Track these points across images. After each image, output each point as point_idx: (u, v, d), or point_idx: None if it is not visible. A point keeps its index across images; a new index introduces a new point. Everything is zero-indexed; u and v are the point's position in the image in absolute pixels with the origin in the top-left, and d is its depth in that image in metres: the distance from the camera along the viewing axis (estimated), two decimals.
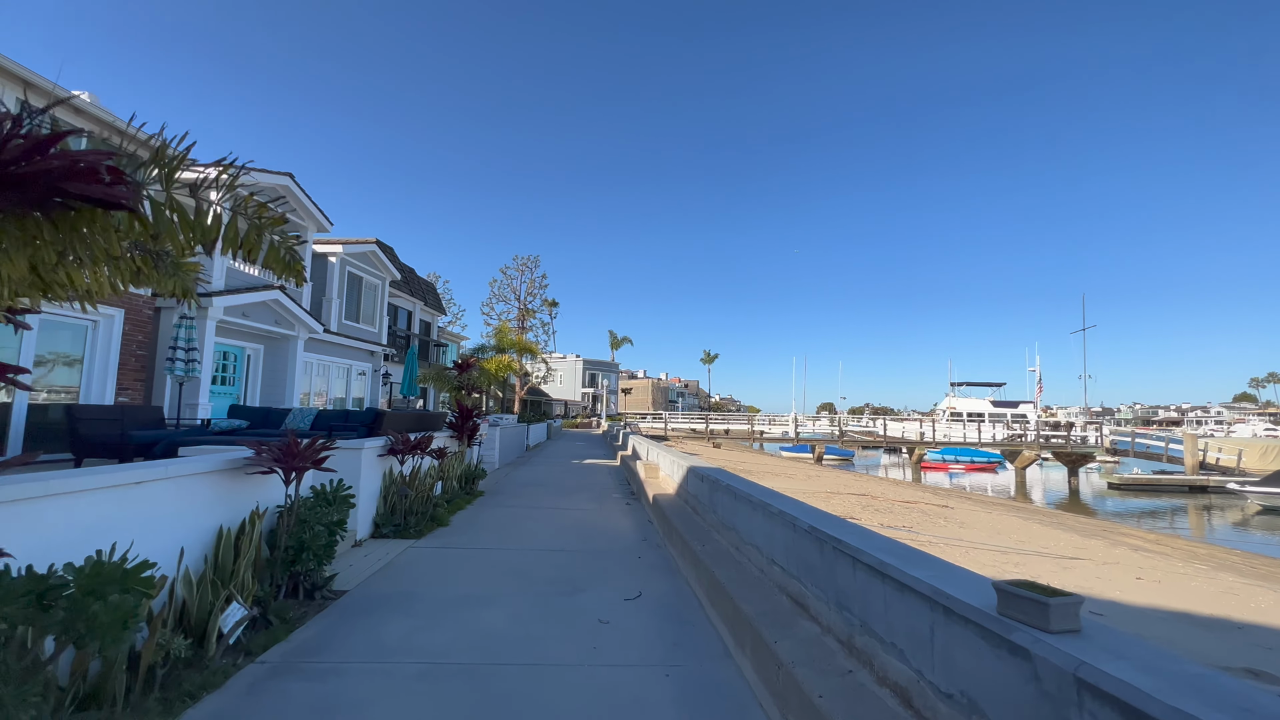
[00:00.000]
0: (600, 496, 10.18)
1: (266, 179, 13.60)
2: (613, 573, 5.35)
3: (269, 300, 13.57)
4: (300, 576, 4.17)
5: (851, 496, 11.45)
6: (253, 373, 14.66)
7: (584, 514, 8.42)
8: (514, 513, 8.31)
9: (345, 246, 18.10)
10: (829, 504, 9.95)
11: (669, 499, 7.76)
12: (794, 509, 3.69)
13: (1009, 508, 13.82)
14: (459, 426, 9.87)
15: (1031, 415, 45.96)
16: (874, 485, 16.84)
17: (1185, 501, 24.05)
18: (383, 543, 6.14)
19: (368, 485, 6.24)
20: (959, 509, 11.23)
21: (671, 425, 43.19)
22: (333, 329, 17.72)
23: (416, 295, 27.61)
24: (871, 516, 9.03)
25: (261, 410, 10.29)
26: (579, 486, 11.59)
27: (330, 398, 17.99)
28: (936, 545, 7.25)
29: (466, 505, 8.60)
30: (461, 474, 9.41)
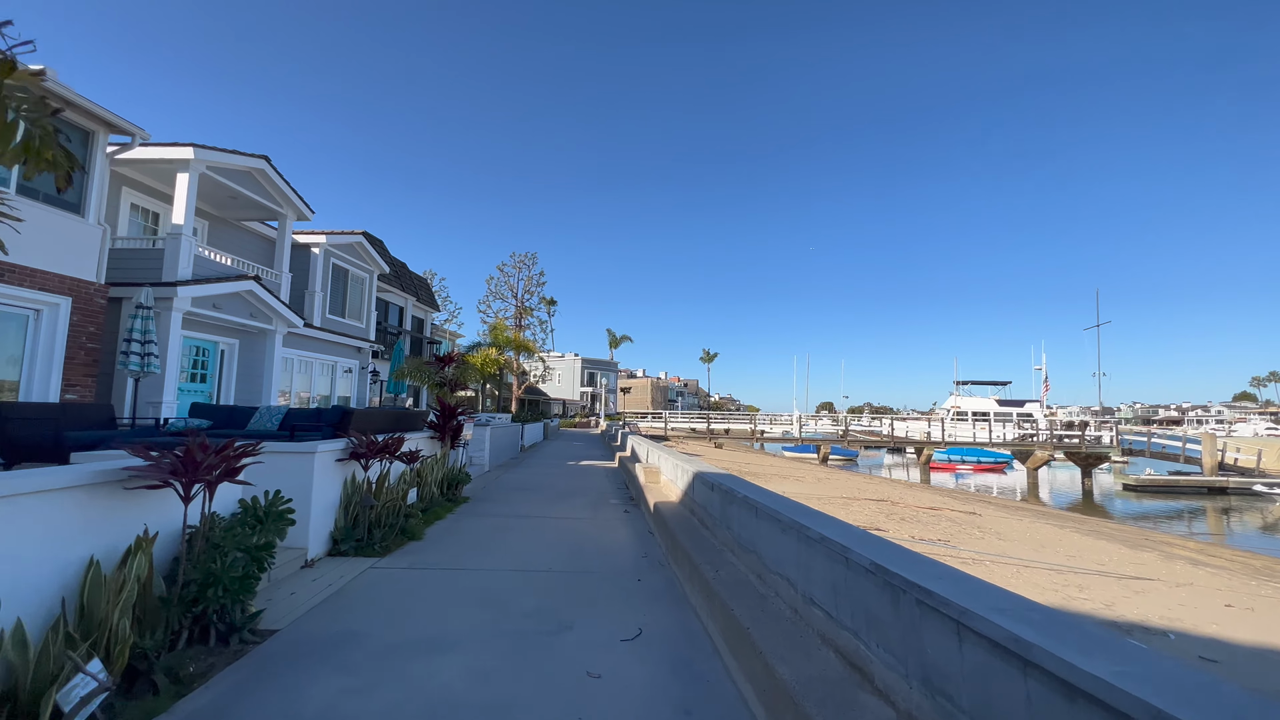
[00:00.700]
0: (596, 503, 9.31)
1: (239, 161, 12.71)
2: (607, 601, 4.48)
3: (242, 291, 12.68)
4: (211, 617, 3.30)
5: (870, 503, 10.56)
6: (227, 369, 13.76)
7: (577, 524, 7.55)
8: (498, 523, 7.43)
9: (329, 237, 17.21)
10: (849, 512, 9.09)
11: (672, 508, 6.89)
12: (841, 534, 2.82)
13: (1038, 513, 12.95)
14: (440, 426, 8.99)
15: (1038, 414, 45.15)
16: (890, 489, 15.96)
17: (1204, 504, 23.20)
18: (339, 562, 5.27)
19: (323, 495, 5.36)
20: (987, 516, 10.34)
21: (671, 425, 42.31)
22: (315, 323, 16.83)
23: (408, 290, 26.72)
24: (899, 527, 8.15)
25: (225, 409, 9.41)
26: (573, 491, 10.71)
27: (314, 396, 17.11)
28: (982, 562, 6.37)
29: (446, 514, 7.72)
30: (443, 478, 8.54)
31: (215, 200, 13.88)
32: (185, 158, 11.34)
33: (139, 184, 12.55)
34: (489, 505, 8.77)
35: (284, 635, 3.60)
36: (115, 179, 12.12)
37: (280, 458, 5.14)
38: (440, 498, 8.25)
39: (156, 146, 11.35)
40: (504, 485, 11.23)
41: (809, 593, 3.01)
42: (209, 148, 11.72)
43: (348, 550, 5.51)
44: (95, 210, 9.51)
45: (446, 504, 8.17)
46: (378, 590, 4.58)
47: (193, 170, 11.55)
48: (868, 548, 2.52)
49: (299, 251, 16.92)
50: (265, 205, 14.09)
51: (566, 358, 69.37)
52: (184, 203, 11.47)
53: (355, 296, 19.27)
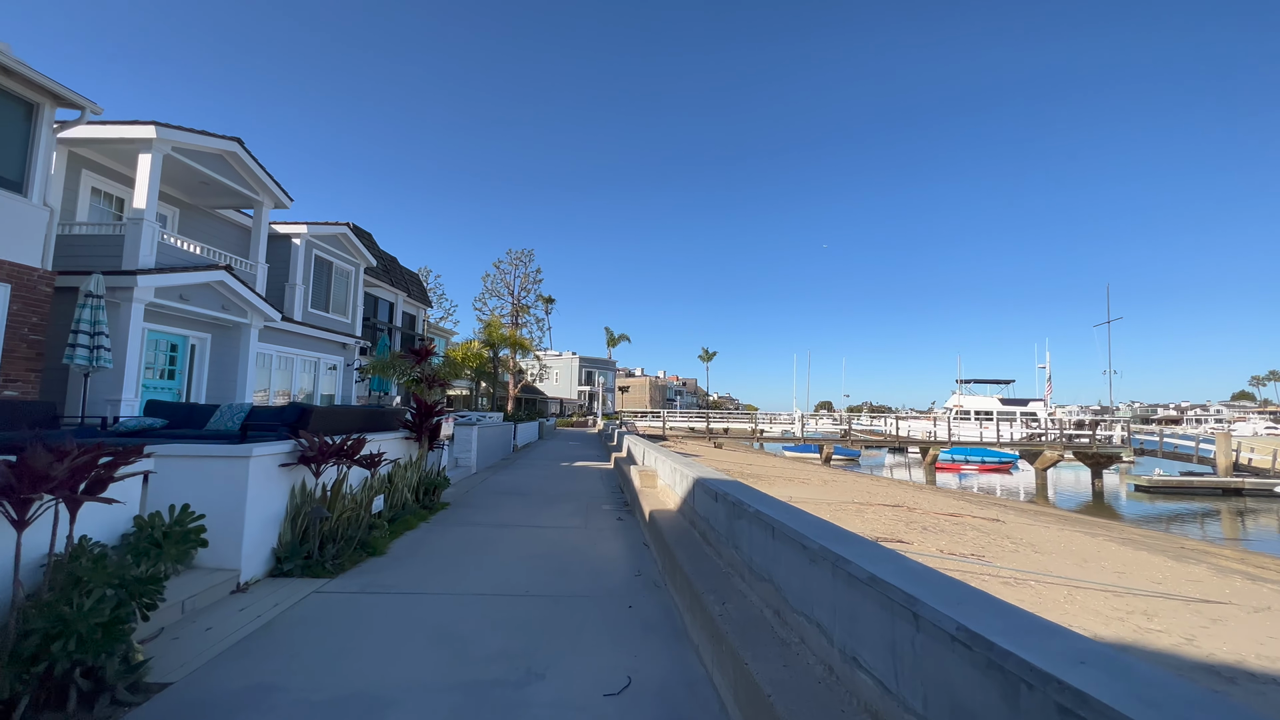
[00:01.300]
0: (587, 509, 8.56)
1: (208, 143, 11.91)
2: (591, 635, 3.72)
3: (212, 281, 11.88)
4: (74, 674, 2.53)
5: (885, 509, 9.78)
6: (199, 365, 12.97)
7: (564, 534, 6.79)
8: (476, 534, 6.66)
9: (311, 227, 16.41)
10: (863, 519, 8.33)
11: (669, 517, 6.13)
12: (904, 575, 2.06)
13: (1062, 519, 12.21)
14: (416, 426, 8.22)
15: (1041, 413, 44.52)
16: (902, 492, 15.19)
17: (1218, 505, 22.53)
18: (280, 585, 4.50)
19: (262, 506, 4.59)
20: (1011, 523, 9.57)
21: (670, 424, 41.56)
22: (296, 318, 16.04)
23: (398, 286, 25.91)
24: (923, 539, 7.39)
25: (185, 406, 8.61)
26: (564, 495, 9.96)
27: (295, 394, 16.31)
28: (1026, 583, 5.62)
29: (419, 524, 6.95)
30: (418, 483, 7.77)
31: (185, 186, 13.09)
32: (147, 137, 10.54)
33: (100, 166, 11.76)
34: (469, 512, 8.01)
35: (175, 692, 2.83)
36: (74, 161, 11.33)
37: (208, 463, 4.37)
38: (414, 505, 7.48)
39: (116, 125, 10.56)
40: (490, 489, 10.46)
41: (852, 650, 2.25)
42: (174, 127, 10.92)
43: (293, 570, 4.74)
44: (40, 190, 8.72)
45: (421, 512, 7.40)
46: (315, 623, 3.82)
47: (156, 151, 10.76)
48: (952, 602, 1.76)
49: (278, 242, 16.13)
50: (239, 192, 13.30)
51: (564, 356, 68.61)
52: (146, 186, 10.68)
53: (340, 290, 18.47)
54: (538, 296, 46.66)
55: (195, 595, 3.89)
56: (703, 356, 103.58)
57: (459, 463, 12.55)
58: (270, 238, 16.19)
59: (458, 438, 12.76)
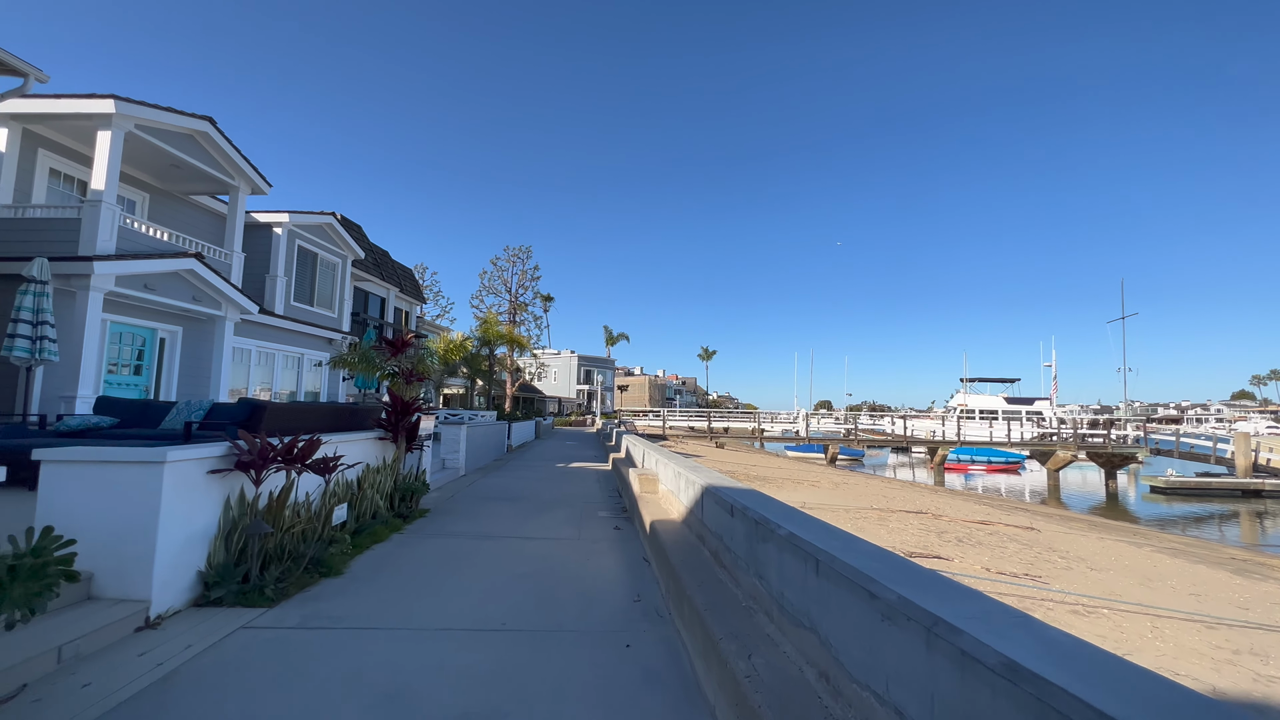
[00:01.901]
0: (581, 516, 7.78)
1: (176, 121, 11.11)
2: (578, 691, 2.94)
3: (181, 270, 11.09)
4: None
5: (909, 516, 8.96)
6: (169, 360, 12.17)
7: (554, 547, 6.01)
8: (453, 547, 5.87)
9: (293, 216, 15.61)
10: (888, 529, 7.53)
11: (673, 529, 5.35)
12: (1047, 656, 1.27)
13: (1098, 526, 11.38)
14: (392, 425, 7.43)
15: (1048, 412, 43.84)
16: (920, 496, 14.36)
17: (1236, 507, 21.79)
18: (204, 617, 3.71)
19: (182, 522, 3.80)
20: (1048, 532, 8.74)
21: (670, 423, 40.77)
22: (278, 311, 15.25)
23: (390, 280, 25.11)
24: (960, 553, 6.57)
25: (138, 403, 7.82)
26: (557, 500, 9.18)
27: (276, 391, 15.52)
28: (1097, 611, 4.84)
29: (390, 535, 6.16)
30: (391, 489, 6.98)
31: (154, 169, 12.29)
32: (105, 111, 9.73)
33: (59, 146, 10.94)
34: (450, 521, 7.21)
35: None
36: (29, 139, 10.52)
37: (112, 471, 3.58)
38: (388, 513, 6.69)
39: (71, 99, 9.76)
40: (477, 493, 9.67)
41: None
42: (136, 102, 10.11)
43: (224, 598, 3.95)
44: None
45: (395, 521, 6.61)
46: (231, 672, 3.03)
47: (116, 128, 9.95)
48: None
49: (258, 232, 15.33)
50: (213, 176, 12.50)
51: (563, 355, 67.86)
52: (106, 165, 9.88)
53: (326, 283, 17.68)
54: (535, 294, 45.88)
55: (83, 637, 3.10)
56: (702, 355, 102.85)
57: (446, 464, 11.76)
58: (250, 227, 15.40)
59: (445, 438, 11.98)
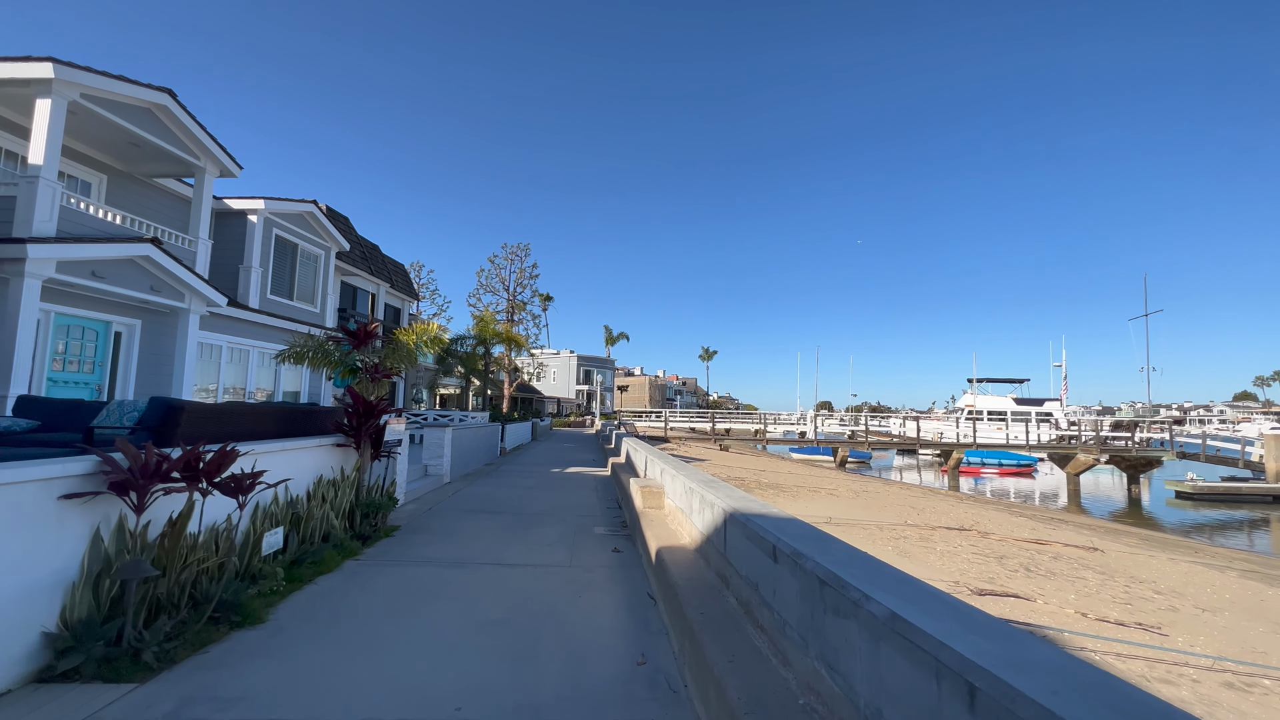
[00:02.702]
0: (576, 533, 6.74)
1: (129, 91, 10.06)
2: None
3: (136, 257, 10.05)
4: None
5: (952, 534, 7.85)
6: (125, 356, 11.12)
7: (540, 579, 4.96)
8: (416, 580, 4.83)
9: (269, 203, 14.55)
10: (938, 553, 6.46)
11: (686, 561, 4.31)
12: None
13: (1158, 543, 10.24)
14: (354, 429, 6.39)
15: (1058, 413, 42.81)
16: (952, 507, 13.20)
17: (1267, 514, 20.75)
18: (45, 700, 2.67)
19: (9, 568, 2.75)
20: (1113, 552, 7.63)
21: (671, 424, 39.69)
22: (252, 304, 14.20)
23: (380, 275, 24.06)
24: (1038, 587, 5.48)
25: (66, 404, 6.76)
26: (549, 512, 8.15)
27: (251, 391, 14.46)
28: (1257, 684, 3.80)
29: (341, 563, 5.12)
30: (349, 506, 5.94)
31: (111, 147, 11.24)
32: (43, 77, 8.69)
33: None
34: (421, 542, 6.17)
35: None
36: None
37: None
38: (343, 535, 5.64)
39: (3, 62, 8.72)
40: (458, 505, 8.63)
41: None
42: (80, 67, 9.06)
43: (83, 667, 2.91)
44: None
45: (352, 544, 5.57)
46: None
47: (57, 96, 8.91)
48: None
49: (232, 219, 14.29)
50: (177, 156, 11.45)
51: (562, 355, 66.84)
52: (45, 137, 8.84)
53: (307, 276, 16.63)
54: (534, 292, 44.87)
55: None
56: (703, 356, 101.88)
57: (429, 471, 10.72)
58: (222, 214, 14.36)
59: (428, 442, 10.93)
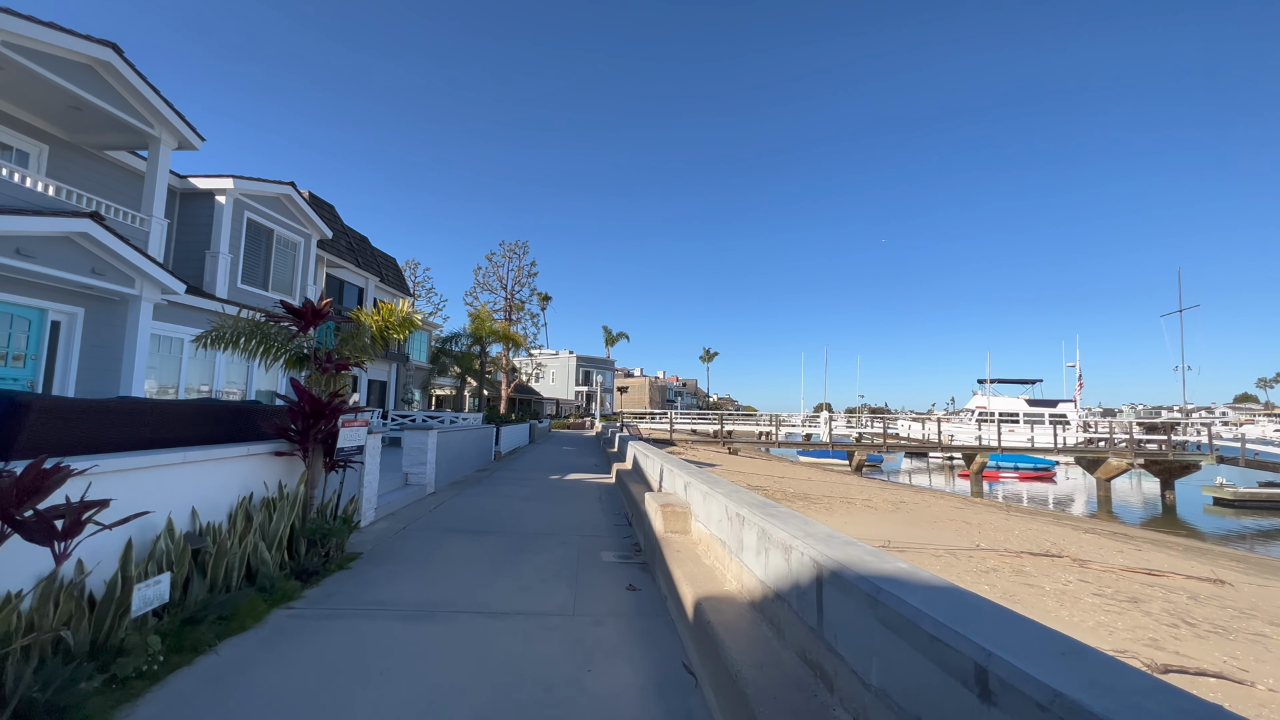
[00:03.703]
0: (579, 564, 5.42)
1: (64, 42, 8.75)
2: None
3: (72, 233, 8.73)
4: None
5: (1045, 562, 6.49)
6: (65, 348, 9.79)
7: (532, 637, 3.64)
8: (361, 642, 3.50)
9: (240, 183, 13.22)
10: (1046, 594, 5.15)
11: (740, 623, 2.99)
12: None
13: (1270, 568, 9.05)
14: (300, 433, 5.07)
15: (1072, 415, 41.51)
16: (1012, 522, 11.77)
17: None
18: None
19: None
20: (1241, 586, 6.41)
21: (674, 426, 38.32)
22: (219, 294, 12.87)
23: (369, 269, 22.74)
24: (1225, 655, 4.14)
25: None
26: (546, 532, 6.83)
27: (218, 389, 13.12)
28: None
29: (264, 616, 3.79)
30: (294, 532, 4.61)
31: (50, 112, 9.92)
32: None
33: None
34: (382, 578, 4.83)
35: None
36: None
37: None
38: (277, 571, 4.31)
39: None
40: (440, 522, 7.29)
41: None
42: (3, 10, 7.77)
43: None
44: None
45: (288, 584, 4.23)
46: None
47: None
48: None
49: (197, 200, 12.97)
50: (126, 123, 10.13)
51: (561, 355, 65.52)
52: None
53: (284, 265, 15.30)
54: (532, 291, 43.58)
55: None
56: (703, 357, 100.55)
57: (409, 480, 9.38)
58: (188, 195, 13.05)
59: (409, 447, 9.60)
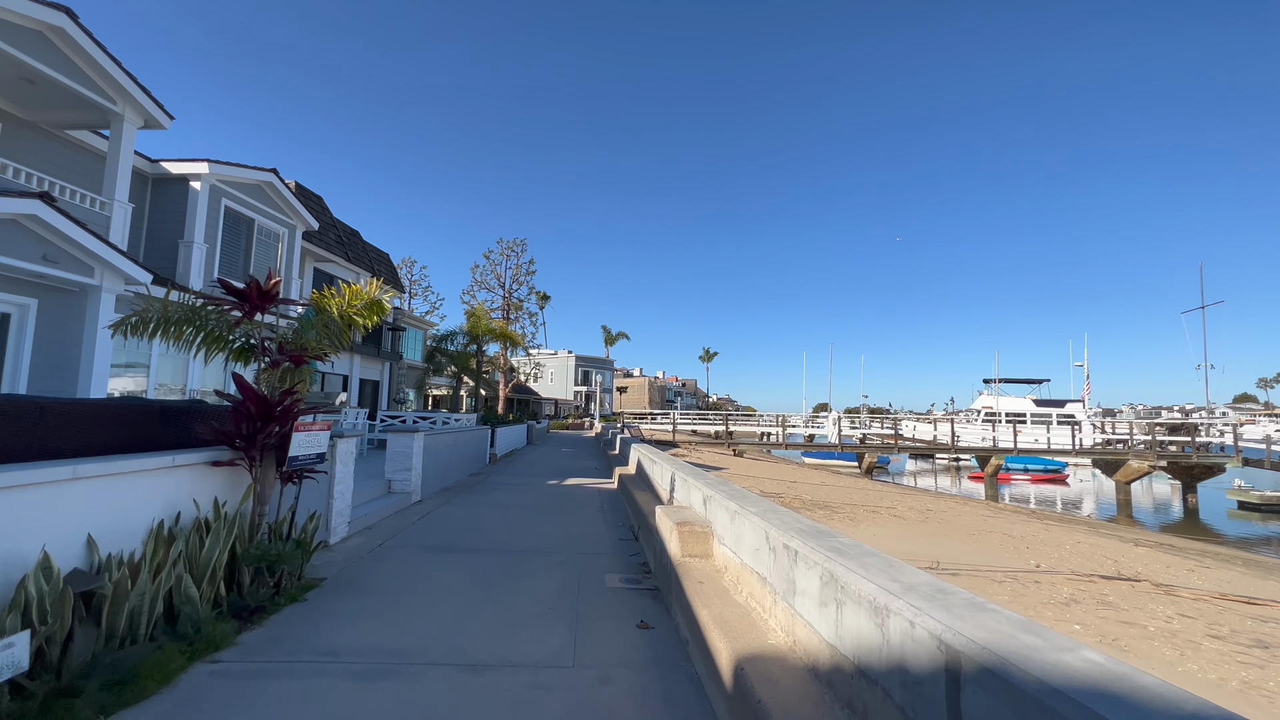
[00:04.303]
0: (580, 592, 4.59)
1: (20, 7, 7.91)
2: None
3: (18, 215, 7.93)
4: None
5: (1126, 589, 5.67)
6: (15, 344, 8.94)
7: (522, 709, 2.81)
8: (294, 716, 2.67)
9: (216, 168, 12.37)
10: (1158, 639, 4.31)
11: (799, 707, 2.15)
12: None
13: None
14: (246, 438, 4.25)
15: (1081, 415, 40.78)
16: (1062, 535, 10.80)
17: None
18: None
19: None
20: None
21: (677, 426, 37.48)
22: (194, 286, 12.01)
23: (359, 263, 21.87)
24: None
25: None
26: (542, 549, 5.99)
27: (191, 388, 12.26)
28: None
29: (174, 677, 2.94)
30: (235, 559, 3.78)
31: (3, 85, 9.08)
32: None
33: None
34: (343, 614, 3.99)
35: None
36: None
37: None
38: (208, 611, 3.47)
39: None
40: (422, 538, 6.45)
41: None
42: None
43: None
44: None
45: (218, 628, 3.40)
46: None
47: None
48: None
49: (170, 186, 12.12)
50: (85, 97, 9.29)
51: (560, 355, 64.71)
52: None
53: (266, 257, 14.45)
54: (531, 289, 42.79)
55: None
56: (703, 357, 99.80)
57: (393, 487, 8.54)
58: (160, 180, 12.20)
59: (394, 451, 8.74)
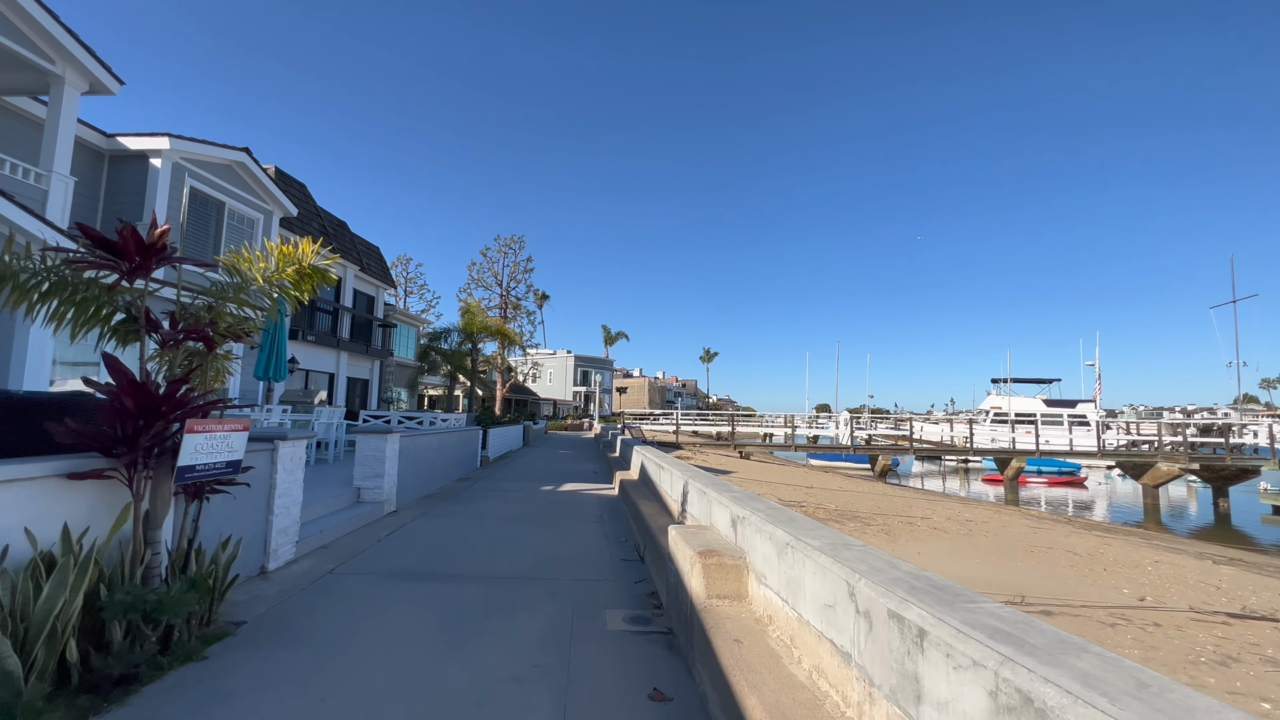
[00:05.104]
0: (572, 633, 3.53)
1: None
2: None
3: None
4: None
5: (1270, 630, 4.80)
6: None
7: None
8: None
9: (178, 143, 11.28)
10: None
11: None
12: None
13: None
14: (125, 440, 3.21)
15: (1092, 415, 39.77)
16: (1119, 549, 9.85)
17: None
18: None
19: None
20: None
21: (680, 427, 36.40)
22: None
23: (346, 256, 20.81)
24: None
25: None
26: (530, 575, 4.92)
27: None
28: None
29: None
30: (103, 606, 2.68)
31: None
32: None
33: None
34: (251, 681, 2.92)
35: None
36: None
37: None
38: (35, 690, 2.39)
39: None
40: (384, 561, 5.36)
41: None
42: None
43: None
44: None
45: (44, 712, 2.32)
46: None
47: None
48: None
49: (127, 163, 11.04)
50: (20, 56, 8.22)
51: (558, 355, 63.66)
52: None
53: (237, 244, 13.37)
54: (529, 287, 41.78)
55: None
56: (703, 357, 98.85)
57: (363, 496, 7.46)
58: (117, 156, 11.12)
59: (363, 455, 7.65)
